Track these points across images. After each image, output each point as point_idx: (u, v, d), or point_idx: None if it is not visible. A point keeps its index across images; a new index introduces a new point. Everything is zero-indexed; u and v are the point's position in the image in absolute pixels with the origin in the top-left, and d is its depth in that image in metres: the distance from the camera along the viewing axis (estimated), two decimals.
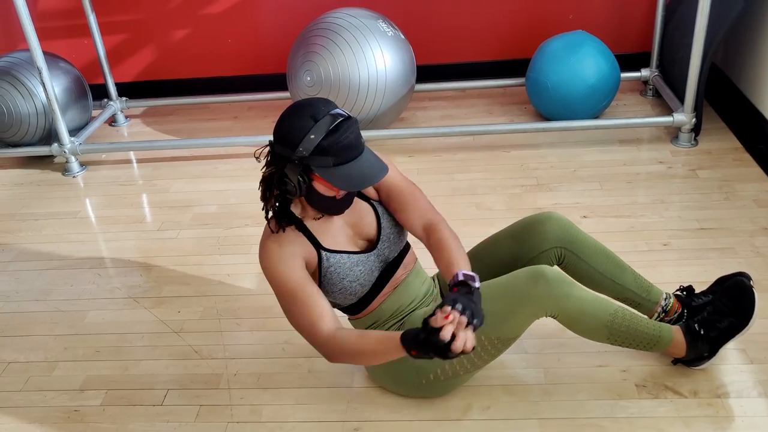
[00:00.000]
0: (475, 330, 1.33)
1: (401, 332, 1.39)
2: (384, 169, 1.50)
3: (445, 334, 1.29)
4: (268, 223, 1.59)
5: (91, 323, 2.20)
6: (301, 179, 1.48)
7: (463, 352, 1.30)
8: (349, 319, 1.79)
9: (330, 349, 1.51)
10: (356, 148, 1.47)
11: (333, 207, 1.57)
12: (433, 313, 1.34)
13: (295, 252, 1.55)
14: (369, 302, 1.69)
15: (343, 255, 1.62)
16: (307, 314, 1.52)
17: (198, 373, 1.95)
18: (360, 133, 1.49)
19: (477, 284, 1.43)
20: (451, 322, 1.30)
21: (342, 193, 1.54)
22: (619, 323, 1.62)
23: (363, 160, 1.49)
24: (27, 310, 2.29)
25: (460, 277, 1.45)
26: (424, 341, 1.32)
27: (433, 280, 1.86)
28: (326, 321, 1.51)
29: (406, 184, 1.70)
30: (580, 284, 1.63)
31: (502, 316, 1.59)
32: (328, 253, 1.60)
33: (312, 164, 1.46)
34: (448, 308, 1.32)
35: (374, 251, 1.66)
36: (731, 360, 1.80)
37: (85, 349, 2.09)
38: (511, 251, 1.80)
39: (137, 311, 2.23)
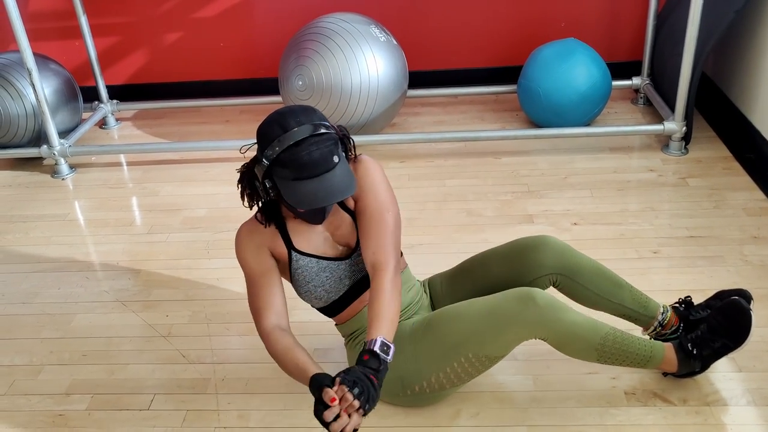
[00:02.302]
0: (365, 415, 1.36)
1: (315, 374, 1.41)
2: (338, 195, 1.45)
3: (329, 415, 1.33)
4: (256, 213, 1.63)
5: (78, 326, 2.18)
6: (267, 183, 1.50)
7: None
8: (336, 325, 1.78)
9: (264, 342, 1.59)
10: (317, 166, 1.43)
11: (303, 216, 1.56)
12: (333, 382, 1.37)
13: (262, 243, 1.61)
14: (342, 309, 1.70)
15: (312, 259, 1.63)
16: (257, 302, 1.61)
17: (185, 378, 1.94)
18: (332, 152, 1.45)
19: (389, 358, 1.44)
20: (340, 405, 1.33)
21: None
22: (610, 346, 1.61)
23: (324, 180, 1.44)
24: (13, 313, 2.27)
25: (376, 346, 1.43)
26: (315, 404, 1.37)
27: (423, 286, 1.86)
28: (269, 315, 1.58)
29: (380, 212, 1.60)
30: (570, 307, 1.60)
31: (489, 335, 1.58)
32: (298, 255, 1.63)
33: (273, 173, 1.48)
34: (345, 388, 1.34)
35: (347, 260, 1.66)
36: (720, 368, 1.80)
37: (71, 352, 2.07)
38: (504, 275, 1.76)
39: (125, 315, 2.22)
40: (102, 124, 3.68)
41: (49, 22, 3.72)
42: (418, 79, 3.49)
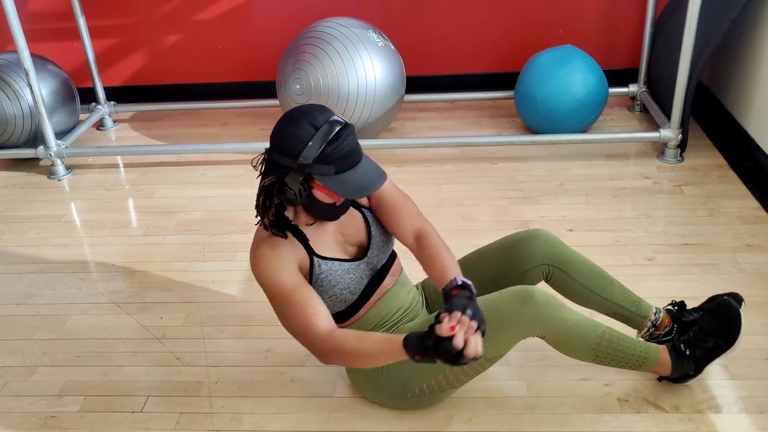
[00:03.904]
0: (483, 336, 1.32)
1: (403, 336, 1.37)
2: (383, 175, 1.50)
3: (458, 342, 1.27)
4: (265, 228, 1.57)
5: (72, 328, 2.18)
6: (302, 188, 1.48)
7: (474, 359, 1.29)
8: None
9: (326, 349, 1.48)
10: (356, 154, 1.48)
11: (331, 213, 1.56)
12: (439, 318, 1.31)
13: (288, 255, 1.54)
14: (357, 310, 1.69)
15: (335, 262, 1.61)
16: (302, 315, 1.50)
17: (179, 380, 1.93)
18: (357, 140, 1.50)
19: (475, 291, 1.43)
20: (461, 329, 1.28)
21: (342, 199, 1.54)
22: (606, 345, 1.62)
23: (363, 167, 1.49)
24: (6, 314, 2.26)
25: (459, 282, 1.44)
26: (433, 348, 1.30)
27: (418, 290, 1.86)
28: (323, 320, 1.50)
29: (398, 192, 1.70)
30: (568, 306, 1.62)
31: (489, 335, 1.58)
32: (320, 260, 1.59)
33: (313, 173, 1.45)
34: (458, 313, 1.30)
35: (365, 259, 1.66)
36: (713, 375, 1.80)
37: (65, 354, 2.07)
38: (498, 267, 1.79)
39: (119, 316, 2.21)
40: (99, 125, 3.68)
41: (47, 23, 3.72)
42: (415, 84, 3.50)
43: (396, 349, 1.37)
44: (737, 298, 1.78)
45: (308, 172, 1.45)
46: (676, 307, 1.86)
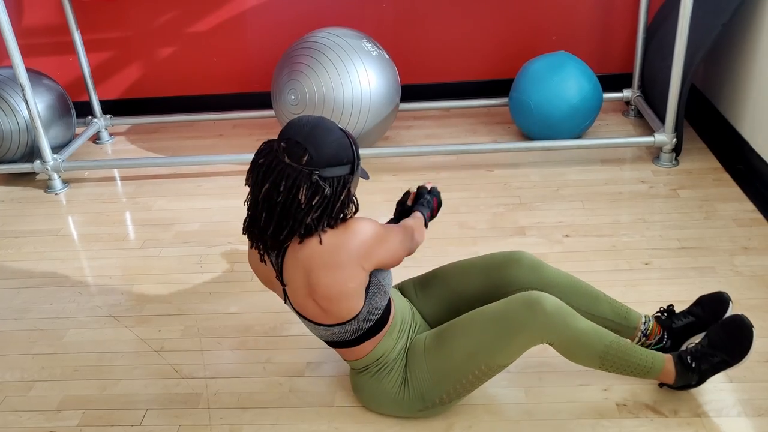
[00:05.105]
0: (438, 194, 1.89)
1: (416, 213, 1.82)
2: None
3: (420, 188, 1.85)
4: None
5: (70, 342, 2.17)
6: (350, 187, 1.56)
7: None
8: (353, 360, 1.74)
9: (411, 241, 1.71)
10: None
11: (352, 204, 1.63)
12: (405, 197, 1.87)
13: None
14: (390, 309, 1.70)
15: None
16: (398, 235, 1.66)
17: (178, 393, 1.93)
18: None
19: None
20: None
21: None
22: (614, 354, 1.63)
23: None
24: (4, 329, 2.26)
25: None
26: (427, 202, 1.86)
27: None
28: (400, 227, 1.69)
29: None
30: (576, 314, 1.62)
31: (498, 344, 1.60)
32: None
33: (355, 173, 1.55)
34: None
35: None
36: (711, 379, 1.79)
37: (63, 368, 2.06)
38: (481, 287, 1.81)
39: (118, 330, 2.21)
40: (95, 139, 3.68)
41: (42, 38, 3.73)
42: (410, 92, 3.51)
43: (419, 219, 1.80)
44: (724, 297, 1.81)
45: (355, 170, 1.54)
46: (665, 314, 1.86)
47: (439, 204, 1.91)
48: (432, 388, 1.67)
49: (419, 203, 1.87)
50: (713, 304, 1.83)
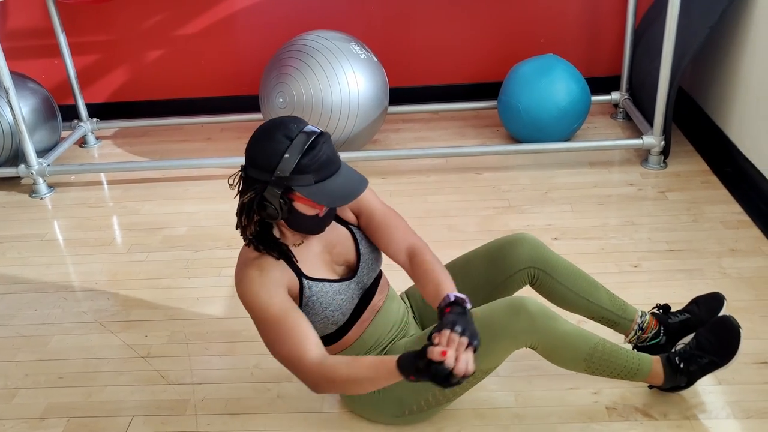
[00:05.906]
0: (475, 352, 1.31)
1: (396, 357, 1.36)
2: (364, 181, 1.48)
3: (449, 362, 1.26)
4: (255, 248, 1.53)
5: (54, 348, 2.15)
6: (282, 201, 1.44)
7: (464, 376, 1.28)
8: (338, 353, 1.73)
9: (317, 378, 1.45)
10: (334, 162, 1.45)
11: (315, 226, 1.52)
12: (430, 339, 1.31)
13: (277, 278, 1.50)
14: (347, 331, 1.65)
15: (326, 283, 1.57)
16: (292, 343, 1.45)
17: (164, 399, 1.91)
18: (334, 148, 1.47)
19: (469, 305, 1.42)
20: (451, 348, 1.28)
21: (325, 209, 1.50)
22: (599, 356, 1.62)
23: (343, 174, 1.46)
24: None
25: (452, 298, 1.43)
26: (425, 369, 1.29)
27: (403, 300, 1.85)
28: (313, 349, 1.45)
29: (387, 209, 1.68)
30: (561, 317, 1.61)
31: (483, 348, 1.57)
32: (310, 282, 1.55)
33: (292, 184, 1.42)
34: (447, 332, 1.30)
35: (354, 278, 1.63)
36: (700, 381, 1.79)
37: (47, 375, 2.04)
38: (484, 272, 1.80)
39: (103, 336, 2.19)
40: (82, 142, 3.65)
41: (27, 41, 3.69)
42: (398, 95, 3.50)
43: (390, 372, 1.36)
44: (719, 296, 1.82)
45: (287, 184, 1.42)
46: (660, 310, 1.87)
47: (434, 377, 1.30)
48: (412, 393, 1.64)
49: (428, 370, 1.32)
50: (709, 302, 1.84)
